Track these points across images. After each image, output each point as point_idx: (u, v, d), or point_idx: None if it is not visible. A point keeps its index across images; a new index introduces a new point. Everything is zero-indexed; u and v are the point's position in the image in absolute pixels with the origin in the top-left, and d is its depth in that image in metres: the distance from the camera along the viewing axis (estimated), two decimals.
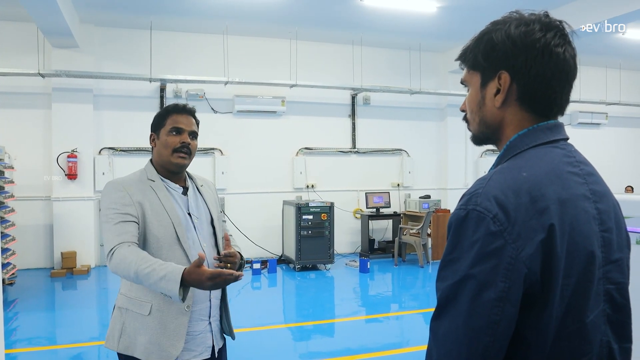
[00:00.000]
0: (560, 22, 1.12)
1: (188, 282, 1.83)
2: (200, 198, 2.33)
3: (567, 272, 1.01)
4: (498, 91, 1.13)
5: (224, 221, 2.55)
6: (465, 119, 1.25)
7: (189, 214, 2.23)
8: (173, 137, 2.20)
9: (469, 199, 1.03)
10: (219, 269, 1.85)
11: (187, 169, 2.36)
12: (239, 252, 2.25)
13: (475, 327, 0.97)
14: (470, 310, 0.97)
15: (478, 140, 1.24)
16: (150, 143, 2.29)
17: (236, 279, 1.86)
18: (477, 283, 0.97)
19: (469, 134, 1.26)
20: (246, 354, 4.69)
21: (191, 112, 2.29)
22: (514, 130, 1.14)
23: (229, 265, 2.12)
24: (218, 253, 2.26)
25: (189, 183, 2.33)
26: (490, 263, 0.97)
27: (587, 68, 11.37)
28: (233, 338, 2.35)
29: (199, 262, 1.82)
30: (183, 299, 1.84)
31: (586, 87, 11.25)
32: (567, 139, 1.16)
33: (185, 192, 2.28)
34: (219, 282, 1.83)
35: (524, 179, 1.03)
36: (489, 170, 1.13)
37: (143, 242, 2.12)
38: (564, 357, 1.04)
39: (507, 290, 0.97)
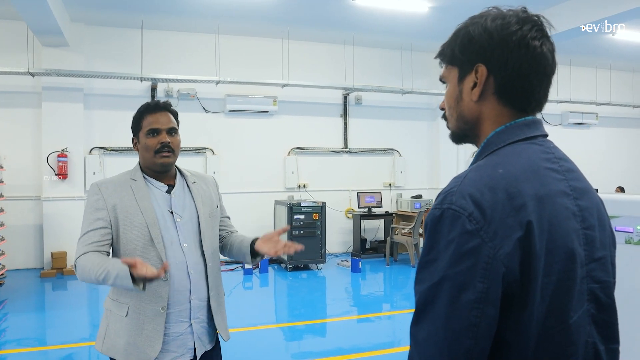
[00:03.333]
0: (538, 16, 1.11)
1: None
2: (189, 196, 2.27)
3: (547, 271, 0.98)
4: (475, 85, 1.11)
5: (228, 217, 2.53)
6: (444, 117, 1.23)
7: (171, 212, 2.19)
8: (151, 139, 2.16)
9: (444, 197, 1.00)
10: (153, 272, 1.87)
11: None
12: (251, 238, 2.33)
13: (455, 330, 0.94)
14: (449, 312, 0.95)
15: (456, 137, 1.22)
16: (134, 147, 2.26)
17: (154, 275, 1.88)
18: (454, 284, 0.95)
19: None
20: (238, 354, 4.67)
21: (166, 108, 2.24)
22: (491, 126, 1.12)
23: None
24: (202, 251, 2.22)
25: (177, 180, 2.28)
26: (467, 263, 0.94)
27: (577, 68, 11.44)
28: (225, 339, 2.32)
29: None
30: (143, 288, 1.92)
31: (577, 87, 11.34)
32: (546, 135, 1.14)
33: (169, 191, 2.23)
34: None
35: (500, 176, 1.00)
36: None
37: (118, 245, 2.14)
38: (548, 359, 1.01)
39: (485, 291, 0.94)
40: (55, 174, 8.40)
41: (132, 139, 2.26)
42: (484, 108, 1.12)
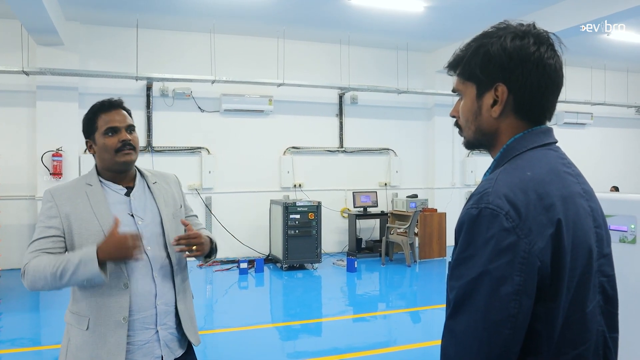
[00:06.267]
0: (548, 33, 1.19)
1: (105, 252, 1.85)
2: (150, 197, 2.17)
3: (572, 264, 1.07)
4: (495, 102, 1.18)
5: (195, 215, 2.41)
6: (457, 124, 1.29)
7: (132, 215, 2.09)
8: (110, 138, 2.06)
9: (480, 197, 1.07)
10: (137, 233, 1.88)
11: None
12: (209, 237, 2.20)
13: (495, 321, 1.01)
14: (489, 304, 1.02)
15: (471, 146, 1.29)
16: (89, 150, 2.13)
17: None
18: (494, 278, 1.02)
19: (456, 133, 1.30)
20: (233, 354, 4.67)
21: (120, 105, 2.15)
22: (508, 137, 1.20)
23: (194, 247, 2.07)
24: (167, 253, 2.12)
25: (137, 182, 2.17)
26: (506, 258, 1.01)
27: (572, 68, 11.46)
28: (195, 344, 2.19)
29: (115, 229, 1.86)
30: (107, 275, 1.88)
31: (572, 87, 11.34)
32: (557, 142, 1.22)
33: (128, 193, 2.12)
34: (138, 243, 1.87)
35: (529, 178, 1.09)
36: (486, 173, 1.20)
37: None
38: (568, 346, 1.09)
39: (523, 284, 1.01)
40: (50, 174, 8.36)
41: (86, 142, 2.14)
42: (502, 123, 1.20)
